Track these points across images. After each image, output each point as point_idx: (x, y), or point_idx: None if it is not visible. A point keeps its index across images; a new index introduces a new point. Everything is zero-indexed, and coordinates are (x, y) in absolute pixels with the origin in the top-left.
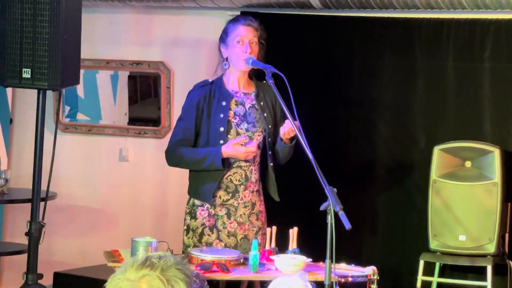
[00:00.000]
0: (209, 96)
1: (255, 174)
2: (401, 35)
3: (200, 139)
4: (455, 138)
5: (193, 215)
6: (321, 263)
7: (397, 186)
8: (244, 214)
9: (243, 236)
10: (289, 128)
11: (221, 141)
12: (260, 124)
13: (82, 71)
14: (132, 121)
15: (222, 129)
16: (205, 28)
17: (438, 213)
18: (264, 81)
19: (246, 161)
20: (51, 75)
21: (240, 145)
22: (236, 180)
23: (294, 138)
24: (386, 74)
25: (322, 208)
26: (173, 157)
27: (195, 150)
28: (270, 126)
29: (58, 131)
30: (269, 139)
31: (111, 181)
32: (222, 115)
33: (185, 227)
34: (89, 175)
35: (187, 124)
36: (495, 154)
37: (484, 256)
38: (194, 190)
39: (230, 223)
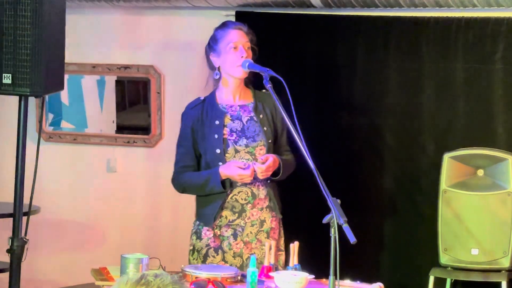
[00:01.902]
0: (201, 117)
1: (263, 190)
2: (408, 35)
3: (201, 161)
4: (466, 145)
5: (198, 235)
6: (324, 279)
7: (405, 197)
8: (251, 233)
9: (249, 255)
10: (263, 168)
11: (220, 163)
12: (261, 138)
13: (66, 76)
14: (120, 129)
15: (218, 151)
16: (198, 29)
17: (448, 226)
18: (264, 90)
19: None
20: (34, 80)
21: (238, 167)
22: (241, 199)
23: (277, 173)
24: (391, 77)
25: (325, 221)
26: (178, 185)
27: (197, 174)
28: (270, 141)
29: (41, 140)
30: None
31: (98, 193)
32: (216, 136)
33: (191, 247)
34: (74, 187)
35: (185, 150)
36: (509, 162)
37: (498, 271)
38: (198, 212)
39: (236, 244)
